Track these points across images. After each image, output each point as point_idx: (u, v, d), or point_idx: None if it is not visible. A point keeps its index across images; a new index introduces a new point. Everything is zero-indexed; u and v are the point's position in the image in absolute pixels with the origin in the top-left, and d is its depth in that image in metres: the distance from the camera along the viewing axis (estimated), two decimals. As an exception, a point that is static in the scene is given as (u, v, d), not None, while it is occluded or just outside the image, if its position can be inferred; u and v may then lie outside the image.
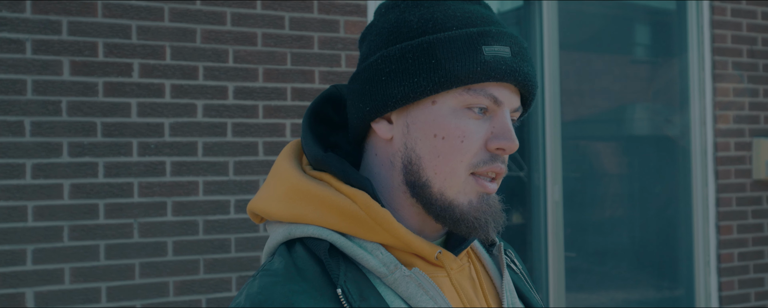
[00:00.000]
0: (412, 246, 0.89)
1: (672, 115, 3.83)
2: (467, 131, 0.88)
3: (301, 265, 0.86)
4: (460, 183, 0.89)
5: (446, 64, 0.87)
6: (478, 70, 0.87)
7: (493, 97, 0.89)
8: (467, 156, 0.88)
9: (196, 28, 2.68)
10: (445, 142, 0.88)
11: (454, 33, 0.88)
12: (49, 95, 2.48)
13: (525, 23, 3.47)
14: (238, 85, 2.74)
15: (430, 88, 0.88)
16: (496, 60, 0.88)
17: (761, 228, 3.78)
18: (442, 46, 0.88)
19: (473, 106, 0.88)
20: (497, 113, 0.90)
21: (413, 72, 0.88)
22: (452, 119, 0.88)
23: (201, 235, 2.66)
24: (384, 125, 0.92)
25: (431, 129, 0.89)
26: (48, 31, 2.48)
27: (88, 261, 2.50)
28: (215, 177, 2.69)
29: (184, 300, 2.62)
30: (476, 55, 0.87)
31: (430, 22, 0.90)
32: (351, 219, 0.88)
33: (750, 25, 3.79)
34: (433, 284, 0.88)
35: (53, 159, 2.48)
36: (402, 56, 0.89)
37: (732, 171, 3.72)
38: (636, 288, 3.78)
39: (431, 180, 0.89)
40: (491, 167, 0.89)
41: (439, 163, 0.89)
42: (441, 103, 0.89)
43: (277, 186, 0.94)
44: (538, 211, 3.40)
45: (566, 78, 3.52)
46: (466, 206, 0.89)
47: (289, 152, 0.97)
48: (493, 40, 0.89)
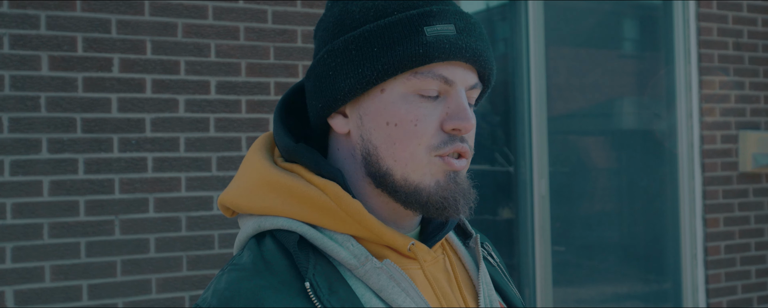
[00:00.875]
0: (384, 237, 0.87)
1: (658, 108, 3.82)
2: (419, 115, 0.87)
3: (269, 259, 0.85)
4: (423, 165, 0.87)
5: (388, 51, 0.86)
6: (420, 52, 0.85)
7: (443, 77, 0.87)
8: (424, 138, 0.87)
9: (178, 22, 2.64)
10: (399, 128, 0.87)
11: (395, 18, 0.87)
12: (28, 91, 2.44)
13: (511, 19, 3.46)
14: (220, 79, 2.71)
15: (375, 77, 0.86)
16: (439, 39, 0.86)
17: (748, 221, 3.78)
18: (383, 33, 0.86)
19: (423, 90, 0.87)
20: (450, 93, 0.88)
21: (358, 63, 0.87)
22: (403, 105, 0.87)
23: (184, 232, 2.63)
24: (340, 120, 0.91)
25: (383, 117, 0.88)
26: (26, 25, 2.44)
27: (69, 259, 2.47)
28: (198, 173, 2.66)
29: (167, 298, 2.59)
30: (418, 37, 0.86)
31: (372, 10, 0.89)
32: (321, 211, 0.87)
33: (736, 17, 3.79)
34: (405, 276, 0.86)
35: (32, 156, 2.44)
36: (345, 48, 0.88)
37: (718, 164, 3.72)
38: (623, 282, 3.78)
39: (392, 168, 0.88)
40: (452, 147, 0.88)
41: (396, 150, 0.87)
42: (389, 90, 0.87)
43: (247, 179, 0.92)
44: (525, 206, 3.38)
45: (553, 73, 3.51)
46: (434, 187, 0.87)
47: (260, 144, 0.96)
48: (435, 19, 0.87)
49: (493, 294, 0.96)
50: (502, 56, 3.53)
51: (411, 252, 0.88)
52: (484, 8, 3.67)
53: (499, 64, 3.50)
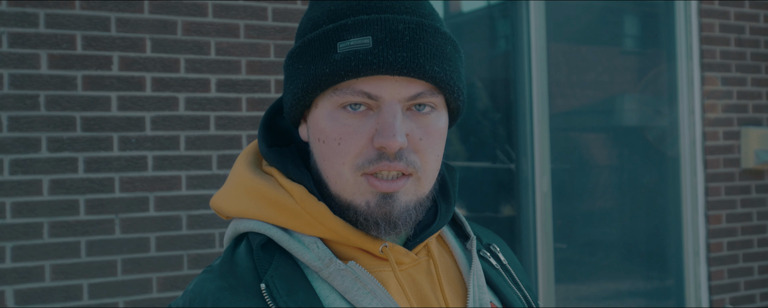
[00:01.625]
0: (351, 240, 0.87)
1: (660, 105, 3.81)
2: (343, 132, 0.84)
3: (237, 260, 0.87)
4: (350, 185, 0.85)
5: (306, 69, 0.86)
6: (327, 71, 0.83)
7: (365, 93, 0.83)
8: (348, 157, 0.84)
9: (177, 20, 2.63)
10: (326, 145, 0.86)
11: (315, 34, 0.86)
12: (27, 89, 2.43)
13: (513, 16, 3.44)
14: (220, 77, 2.70)
15: (302, 94, 0.87)
16: (347, 56, 0.82)
17: (750, 217, 3.77)
18: (306, 50, 0.86)
19: (344, 105, 0.85)
20: (380, 108, 0.84)
21: (292, 79, 0.89)
22: (328, 122, 0.86)
23: (184, 230, 2.62)
24: (303, 127, 0.93)
25: (315, 133, 0.88)
26: (24, 23, 2.43)
27: (69, 258, 2.46)
28: (198, 172, 2.65)
29: (168, 297, 2.58)
30: (328, 55, 0.83)
31: (310, 23, 0.89)
32: (289, 214, 0.88)
33: (738, 13, 3.77)
34: (371, 277, 0.85)
35: (31, 155, 2.43)
36: (288, 64, 0.90)
37: (721, 160, 3.71)
38: (626, 279, 3.77)
39: (327, 182, 0.88)
40: (377, 166, 0.83)
41: (326, 167, 0.87)
42: (320, 106, 0.87)
43: (230, 183, 0.96)
44: (527, 203, 3.37)
45: (554, 69, 3.50)
46: (364, 207, 0.85)
47: (249, 149, 0.99)
48: (348, 33, 0.83)
49: (485, 295, 0.94)
50: (503, 53, 3.52)
51: (383, 254, 0.88)
52: (485, 5, 3.66)
53: (501, 61, 3.49)
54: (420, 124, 0.86)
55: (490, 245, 1.04)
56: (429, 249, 0.94)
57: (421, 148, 0.85)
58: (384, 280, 0.87)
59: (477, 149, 3.43)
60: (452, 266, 0.97)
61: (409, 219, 0.86)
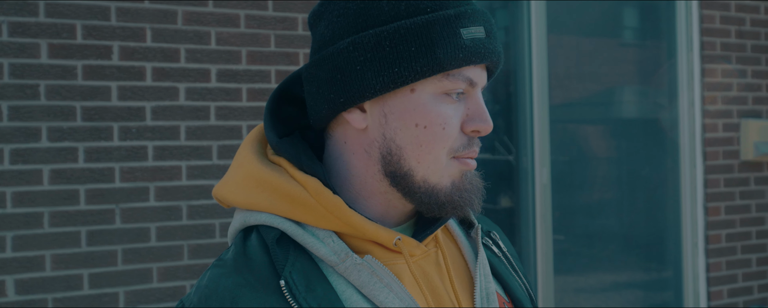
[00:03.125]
0: (367, 233, 0.86)
1: (660, 97, 3.81)
2: (447, 117, 0.86)
3: (251, 255, 0.85)
4: (442, 168, 0.88)
5: (427, 52, 0.84)
6: (459, 56, 0.85)
7: (470, 80, 0.87)
8: (448, 142, 0.87)
9: (178, 10, 2.62)
10: (427, 130, 0.86)
11: (431, 17, 0.84)
12: (27, 79, 2.42)
13: (513, 6, 3.44)
14: (221, 67, 2.69)
15: (411, 77, 0.84)
16: (474, 43, 0.86)
17: (749, 209, 3.78)
18: (421, 32, 0.84)
19: (452, 91, 0.86)
20: (471, 94, 0.89)
21: (392, 61, 0.84)
22: (433, 107, 0.86)
23: (185, 220, 2.62)
24: (357, 115, 0.88)
25: (412, 118, 0.86)
26: (24, 13, 2.42)
27: (70, 248, 2.46)
28: (198, 162, 2.65)
29: (168, 287, 2.58)
30: (456, 40, 0.84)
31: (403, 4, 0.86)
32: (302, 207, 0.86)
33: (738, 5, 3.77)
34: (387, 271, 0.85)
35: (32, 144, 2.43)
36: (378, 44, 0.85)
37: (720, 152, 3.71)
38: (624, 270, 3.78)
39: (414, 169, 0.87)
40: (469, 151, 0.89)
41: (422, 153, 0.87)
42: (420, 90, 0.86)
43: (235, 173, 0.92)
44: (526, 194, 3.38)
45: (554, 61, 3.50)
46: (450, 187, 0.88)
47: (252, 137, 0.95)
48: (469, 21, 0.86)
49: (490, 284, 0.94)
50: (504, 44, 3.51)
51: (396, 247, 0.88)
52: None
53: (501, 52, 3.49)
54: None
55: (491, 232, 1.05)
56: (437, 239, 0.94)
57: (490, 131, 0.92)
58: (398, 273, 0.87)
59: (477, 140, 3.42)
60: (458, 256, 0.97)
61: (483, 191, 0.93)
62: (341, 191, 0.90)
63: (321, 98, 0.89)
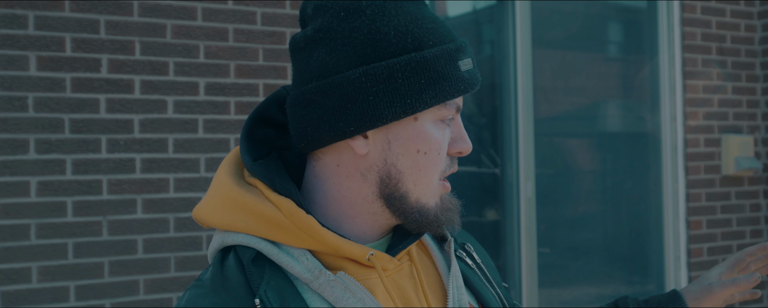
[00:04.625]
0: (340, 250, 0.90)
1: (643, 111, 3.86)
2: (443, 142, 0.93)
3: (228, 275, 0.88)
4: (433, 189, 0.94)
5: (434, 84, 0.90)
6: (460, 88, 0.92)
7: (458, 106, 0.95)
8: (442, 165, 0.94)
9: (166, 23, 2.64)
10: (427, 156, 0.92)
11: (437, 50, 0.91)
12: (15, 91, 2.43)
13: (498, 21, 3.48)
14: (209, 80, 2.71)
15: (420, 107, 0.90)
16: (469, 74, 0.93)
17: (730, 223, 3.83)
18: (429, 65, 0.90)
19: (445, 118, 0.93)
20: (456, 118, 0.96)
21: (404, 92, 0.89)
22: (433, 133, 0.92)
23: (172, 233, 2.63)
24: (360, 141, 0.92)
25: (414, 144, 0.92)
26: (14, 25, 2.43)
27: (56, 260, 2.46)
28: (186, 174, 2.66)
29: (155, 299, 2.59)
30: (456, 72, 0.91)
31: (409, 37, 0.90)
32: (277, 227, 0.90)
33: (719, 22, 3.84)
34: (360, 286, 0.89)
35: (19, 156, 2.43)
36: (390, 76, 0.88)
37: (702, 167, 3.77)
38: (608, 283, 3.81)
39: (410, 191, 0.93)
40: (452, 169, 0.96)
41: (420, 177, 0.93)
42: (422, 118, 0.92)
43: (213, 195, 0.96)
44: (511, 207, 3.41)
45: (539, 75, 3.54)
46: (434, 208, 0.94)
47: (229, 160, 0.99)
48: (464, 54, 0.93)
49: (463, 296, 0.98)
50: (488, 58, 3.55)
51: (370, 262, 0.91)
52: (471, 10, 3.70)
53: (486, 66, 3.53)
54: None
55: (465, 244, 1.08)
56: (410, 253, 0.98)
57: None
58: (371, 288, 0.90)
59: (463, 154, 3.45)
60: (431, 268, 1.00)
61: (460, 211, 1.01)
62: (325, 210, 0.94)
63: (324, 125, 0.91)
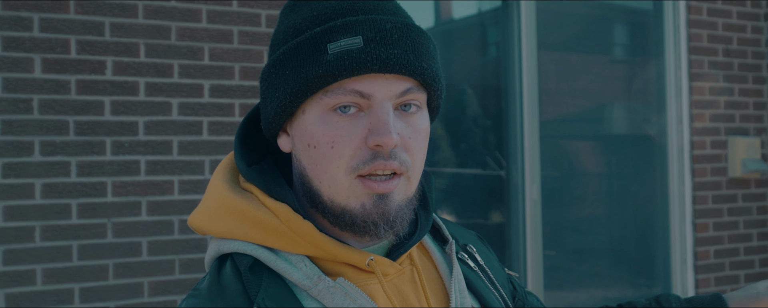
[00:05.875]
0: (339, 255, 0.87)
1: (649, 113, 3.85)
2: (335, 135, 0.85)
3: (225, 283, 0.86)
4: (345, 188, 0.85)
5: (295, 73, 0.85)
6: (319, 72, 0.83)
7: (357, 92, 0.84)
8: (343, 160, 0.85)
9: (171, 26, 2.64)
10: (318, 150, 0.86)
11: (302, 37, 0.86)
12: (20, 93, 2.43)
13: (503, 23, 3.47)
14: (214, 83, 2.71)
15: (290, 100, 0.86)
16: (339, 56, 0.83)
17: (737, 226, 3.81)
18: (292, 55, 0.86)
19: (336, 107, 0.85)
20: (372, 107, 0.85)
21: (277, 87, 0.87)
22: (319, 125, 0.85)
23: (176, 235, 2.62)
24: (284, 138, 0.92)
25: (305, 139, 0.87)
26: (19, 27, 2.43)
27: (61, 262, 2.46)
28: (191, 177, 2.66)
29: (159, 301, 2.58)
30: (320, 56, 0.84)
31: (292, 29, 0.88)
32: (274, 233, 0.88)
33: (725, 24, 3.82)
34: (360, 292, 0.86)
35: (24, 159, 2.43)
36: (269, 73, 0.89)
37: (708, 169, 3.75)
38: (614, 286, 3.80)
39: (319, 189, 0.87)
40: (372, 166, 0.84)
41: (319, 172, 0.87)
42: (309, 111, 0.87)
43: (208, 201, 0.94)
44: (517, 210, 3.40)
45: (544, 77, 3.53)
46: (359, 210, 0.85)
47: (224, 165, 0.97)
48: (338, 34, 0.84)
49: (466, 299, 0.95)
50: (494, 60, 3.54)
51: (369, 267, 0.88)
52: (475, 12, 3.69)
53: (491, 68, 3.52)
54: (408, 123, 0.87)
55: (467, 246, 1.05)
56: (411, 257, 0.95)
57: (411, 146, 0.87)
58: (372, 293, 0.88)
59: (467, 156, 3.45)
60: (433, 272, 0.98)
61: (405, 217, 0.88)
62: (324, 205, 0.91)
63: None
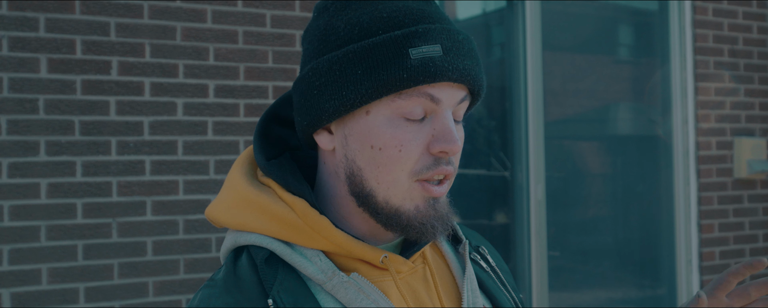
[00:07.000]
0: (354, 251, 0.88)
1: (654, 114, 3.84)
2: (404, 139, 0.86)
3: (241, 275, 0.87)
4: (404, 190, 0.87)
5: (372, 74, 0.85)
6: (405, 77, 0.84)
7: (430, 95, 0.86)
8: (408, 164, 0.86)
9: (176, 26, 2.65)
10: (383, 152, 0.86)
11: (379, 39, 0.85)
12: (26, 93, 2.44)
13: (508, 23, 3.47)
14: (218, 83, 2.71)
15: (359, 100, 0.85)
16: (423, 62, 0.85)
17: (742, 227, 3.80)
18: (367, 55, 0.85)
19: (408, 111, 0.86)
20: (437, 113, 0.87)
21: (342, 85, 0.86)
22: (387, 128, 0.86)
23: (181, 235, 2.63)
24: (325, 136, 0.91)
25: (368, 140, 0.87)
26: (25, 28, 2.44)
27: (66, 262, 2.46)
28: (195, 177, 2.66)
29: (164, 301, 2.59)
30: (402, 61, 0.84)
31: (356, 28, 0.88)
32: (290, 227, 0.89)
33: (731, 24, 3.81)
34: (374, 288, 0.87)
35: (30, 158, 2.44)
36: (330, 69, 0.87)
37: (714, 170, 3.74)
38: (619, 287, 3.79)
39: (375, 189, 0.88)
40: (435, 171, 0.87)
41: (380, 173, 0.87)
42: (375, 112, 0.87)
43: (226, 194, 0.95)
44: (522, 211, 3.39)
45: (549, 78, 3.53)
46: (413, 212, 0.88)
47: (243, 159, 0.98)
48: (420, 40, 0.85)
49: (478, 299, 0.96)
50: (498, 61, 3.54)
51: (384, 264, 0.89)
52: (480, 13, 3.69)
53: (496, 69, 3.52)
54: (458, 130, 0.91)
55: (479, 247, 1.06)
56: (424, 255, 0.96)
57: (458, 152, 0.90)
58: (385, 290, 0.89)
59: (472, 156, 3.45)
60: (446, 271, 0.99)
61: (453, 217, 0.91)
62: (329, 211, 0.93)
63: (296, 121, 0.94)
